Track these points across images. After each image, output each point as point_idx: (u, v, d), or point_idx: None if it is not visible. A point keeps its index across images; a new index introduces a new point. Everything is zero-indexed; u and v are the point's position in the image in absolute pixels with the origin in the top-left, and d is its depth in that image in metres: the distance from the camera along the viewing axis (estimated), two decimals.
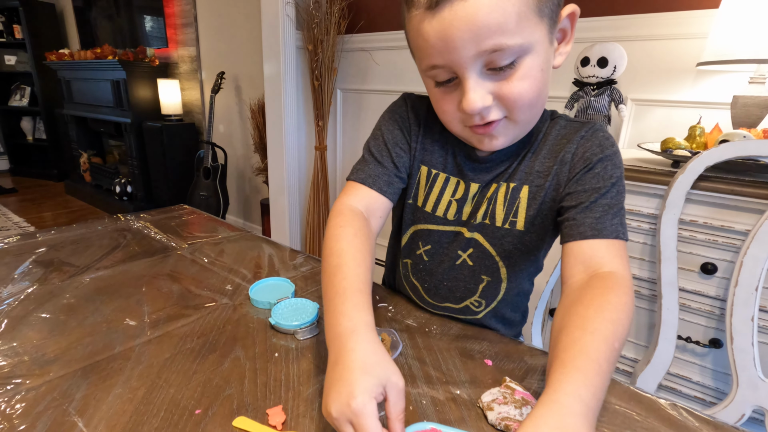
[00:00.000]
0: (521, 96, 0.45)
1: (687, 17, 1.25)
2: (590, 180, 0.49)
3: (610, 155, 0.50)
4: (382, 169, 0.57)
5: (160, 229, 0.92)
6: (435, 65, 0.46)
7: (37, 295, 0.62)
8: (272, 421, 0.41)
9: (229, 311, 0.60)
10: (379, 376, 0.37)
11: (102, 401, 0.42)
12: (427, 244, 0.60)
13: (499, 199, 0.54)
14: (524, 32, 0.42)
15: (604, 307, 0.40)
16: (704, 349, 1.02)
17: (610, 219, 0.47)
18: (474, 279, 0.59)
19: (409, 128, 0.59)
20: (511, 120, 0.48)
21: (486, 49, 0.42)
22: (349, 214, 0.53)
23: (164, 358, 0.49)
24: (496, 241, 0.56)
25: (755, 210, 0.90)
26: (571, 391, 0.33)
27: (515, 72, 0.44)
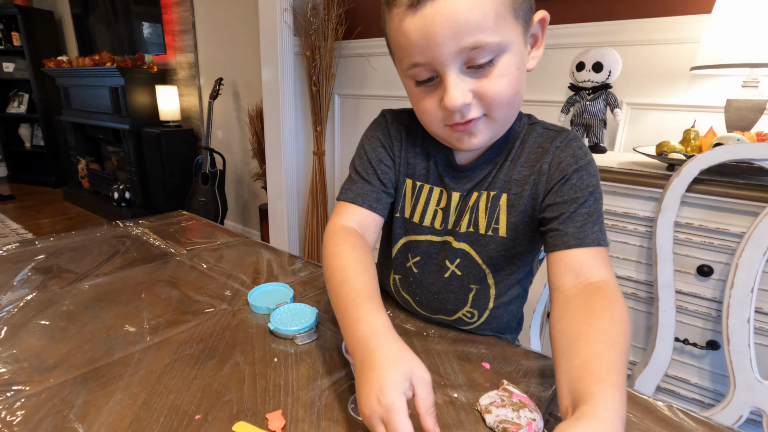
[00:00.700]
0: (500, 93, 0.47)
1: (680, 22, 1.26)
2: (568, 191, 0.51)
3: (584, 165, 0.51)
4: (370, 186, 0.59)
5: (159, 235, 0.92)
6: (416, 63, 0.46)
7: (37, 302, 0.63)
8: (272, 425, 0.41)
9: (228, 317, 0.61)
10: (405, 371, 0.37)
11: (102, 407, 0.43)
12: (416, 255, 0.61)
13: (481, 207, 0.56)
14: (502, 31, 0.44)
15: (616, 320, 0.41)
16: (702, 351, 1.03)
17: (590, 227, 0.49)
18: (463, 289, 0.59)
19: (391, 144, 0.61)
20: (490, 118, 0.49)
21: (466, 46, 0.43)
22: (343, 233, 0.54)
23: (164, 363, 0.50)
24: (481, 249, 0.57)
25: (750, 212, 0.91)
26: (612, 408, 0.34)
27: (494, 70, 0.46)
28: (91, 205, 3.55)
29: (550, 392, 0.47)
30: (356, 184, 0.59)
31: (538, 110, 1.58)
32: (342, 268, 0.50)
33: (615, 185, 1.07)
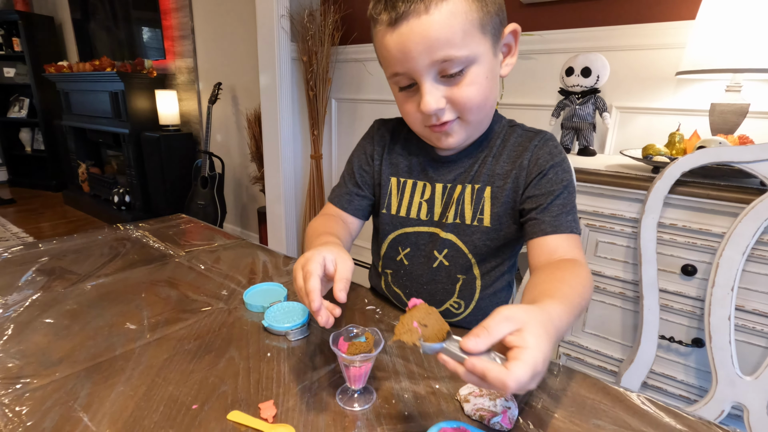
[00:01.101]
0: (470, 99, 0.53)
1: (666, 28, 1.29)
2: (545, 185, 0.57)
3: (559, 162, 0.58)
4: (346, 189, 0.70)
5: (159, 237, 0.95)
6: (396, 72, 0.53)
7: (42, 302, 0.65)
8: (264, 414, 0.44)
9: (224, 315, 0.63)
10: (332, 252, 0.47)
11: (105, 398, 0.45)
12: (406, 247, 0.66)
13: (466, 199, 0.61)
14: (470, 45, 0.50)
15: (576, 274, 0.49)
16: (687, 348, 1.06)
17: (565, 217, 0.56)
18: (450, 279, 0.63)
19: (373, 151, 0.69)
20: (463, 121, 0.56)
21: (438, 59, 0.49)
22: (321, 216, 0.69)
23: (163, 358, 0.53)
24: (467, 239, 0.62)
25: (730, 213, 0.94)
26: (556, 314, 0.39)
27: (464, 79, 0.52)
28: (92, 209, 3.58)
29: None
30: (341, 187, 0.71)
31: (530, 114, 1.62)
32: (316, 228, 0.63)
33: (602, 187, 1.10)
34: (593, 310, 1.19)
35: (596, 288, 1.16)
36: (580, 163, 1.20)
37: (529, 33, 1.54)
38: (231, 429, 0.42)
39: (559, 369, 0.53)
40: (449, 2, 0.48)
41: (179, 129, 3.10)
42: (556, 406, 0.47)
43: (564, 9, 1.49)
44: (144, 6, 3.04)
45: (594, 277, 1.16)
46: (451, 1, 0.48)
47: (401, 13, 0.48)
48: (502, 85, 1.64)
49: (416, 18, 0.48)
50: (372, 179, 0.69)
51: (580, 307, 0.45)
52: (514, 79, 1.63)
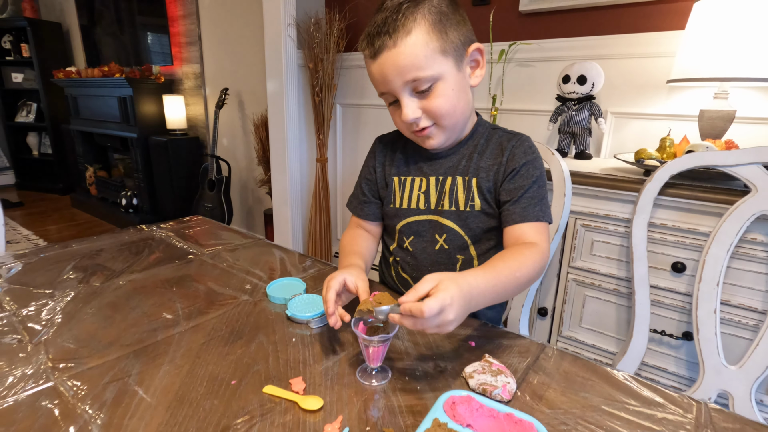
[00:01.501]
0: (439, 108, 0.65)
1: (657, 38, 1.36)
2: (517, 180, 0.68)
3: (531, 160, 0.69)
4: (358, 199, 0.84)
5: (180, 237, 1.01)
6: (382, 92, 0.68)
7: (84, 295, 0.72)
8: (294, 387, 0.50)
9: (250, 306, 0.70)
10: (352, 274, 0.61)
11: (154, 376, 0.52)
12: (410, 236, 0.77)
13: (459, 189, 0.73)
14: (433, 67, 0.62)
15: (520, 253, 0.61)
16: (678, 341, 1.12)
17: (533, 207, 0.66)
18: (451, 260, 0.74)
19: (374, 163, 0.82)
20: (439, 126, 0.68)
21: (408, 79, 0.63)
22: (347, 232, 0.82)
23: (200, 343, 0.59)
24: (463, 223, 0.73)
25: (716, 213, 1.00)
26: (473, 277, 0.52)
27: (433, 93, 0.64)
28: (99, 212, 3.64)
29: (525, 363, 0.57)
30: (354, 197, 0.85)
31: (529, 119, 1.69)
32: (343, 247, 0.77)
33: (597, 189, 1.17)
34: (590, 305, 1.25)
35: (592, 285, 1.23)
36: (577, 166, 1.26)
37: (528, 42, 1.61)
38: (267, 400, 0.49)
39: (553, 352, 0.59)
40: (412, 36, 0.60)
41: (186, 133, 3.17)
42: (549, 381, 0.53)
43: (560, 19, 1.55)
44: (152, 13, 3.12)
45: (588, 274, 1.23)
46: (413, 35, 0.60)
47: (377, 48, 0.62)
48: (502, 90, 1.71)
49: (388, 51, 0.61)
50: (376, 185, 0.82)
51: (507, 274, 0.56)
52: (513, 85, 1.69)
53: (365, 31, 0.65)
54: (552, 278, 1.30)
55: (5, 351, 0.56)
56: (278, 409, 0.47)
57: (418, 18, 0.61)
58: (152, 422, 0.45)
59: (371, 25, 0.64)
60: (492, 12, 1.68)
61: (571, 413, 0.48)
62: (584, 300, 1.26)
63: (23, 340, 0.58)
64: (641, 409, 0.49)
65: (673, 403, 0.50)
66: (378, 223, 0.83)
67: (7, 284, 0.75)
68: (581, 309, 1.27)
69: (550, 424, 0.46)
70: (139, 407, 0.47)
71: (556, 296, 1.31)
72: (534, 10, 1.58)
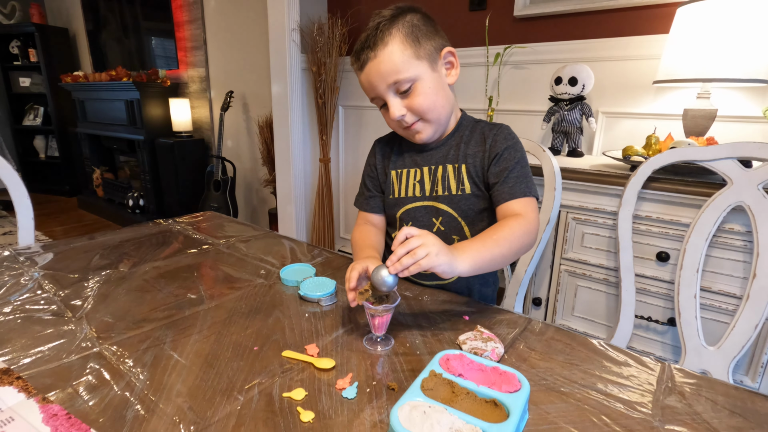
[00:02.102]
0: (420, 105, 0.75)
1: (643, 41, 1.44)
2: (501, 163, 0.78)
3: (511, 145, 0.79)
4: (363, 195, 0.92)
5: (196, 230, 1.09)
6: (372, 97, 0.78)
7: (114, 279, 0.79)
8: (309, 352, 0.57)
9: (265, 288, 0.77)
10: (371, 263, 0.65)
11: (186, 343, 0.59)
12: (409, 221, 0.86)
13: (450, 176, 0.82)
14: (410, 70, 0.72)
15: (506, 223, 0.70)
16: (663, 327, 1.19)
17: (519, 185, 0.76)
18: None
19: (374, 163, 0.91)
20: (424, 120, 0.77)
21: (390, 82, 0.73)
22: (358, 227, 0.89)
23: (223, 318, 0.66)
24: (456, 206, 0.82)
25: (696, 205, 1.07)
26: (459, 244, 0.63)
27: (413, 92, 0.74)
28: (106, 213, 3.72)
29: (513, 333, 0.64)
30: (360, 195, 0.93)
31: (523, 119, 1.76)
32: (356, 241, 0.85)
33: (586, 184, 1.24)
34: (581, 295, 1.32)
35: (583, 275, 1.30)
36: (568, 163, 1.33)
37: (522, 45, 1.68)
38: (286, 362, 0.56)
39: (539, 324, 0.66)
40: (388, 47, 0.71)
41: (192, 135, 3.25)
42: (533, 347, 0.60)
43: (553, 23, 1.63)
44: (158, 19, 3.20)
45: (579, 265, 1.30)
46: (389, 46, 0.71)
47: (363, 61, 0.74)
48: (498, 92, 1.78)
49: (371, 62, 0.73)
50: (378, 180, 0.91)
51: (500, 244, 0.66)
52: (509, 87, 1.77)
53: (354, 49, 0.76)
54: (545, 269, 1.37)
55: (53, 323, 0.63)
56: (296, 369, 0.54)
57: (393, 32, 0.72)
58: (188, 379, 0.52)
59: (357, 43, 0.75)
60: (488, 17, 1.75)
61: (550, 371, 0.55)
62: (576, 290, 1.33)
63: (66, 316, 0.66)
64: (613, 368, 0.56)
65: (641, 364, 0.57)
66: (383, 215, 0.92)
67: (43, 270, 0.82)
68: (573, 298, 1.34)
69: (532, 380, 0.53)
70: (175, 368, 0.54)
71: (550, 286, 1.38)
72: (528, 15, 1.66)
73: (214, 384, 0.51)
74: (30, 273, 0.81)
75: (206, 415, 0.46)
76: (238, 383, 0.51)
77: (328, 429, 0.45)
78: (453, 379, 0.47)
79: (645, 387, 0.52)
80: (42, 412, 0.45)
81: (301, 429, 0.44)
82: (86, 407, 0.46)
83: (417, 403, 0.43)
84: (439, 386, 0.46)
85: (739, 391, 0.52)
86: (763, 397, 0.51)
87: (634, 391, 0.52)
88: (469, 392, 0.45)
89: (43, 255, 0.90)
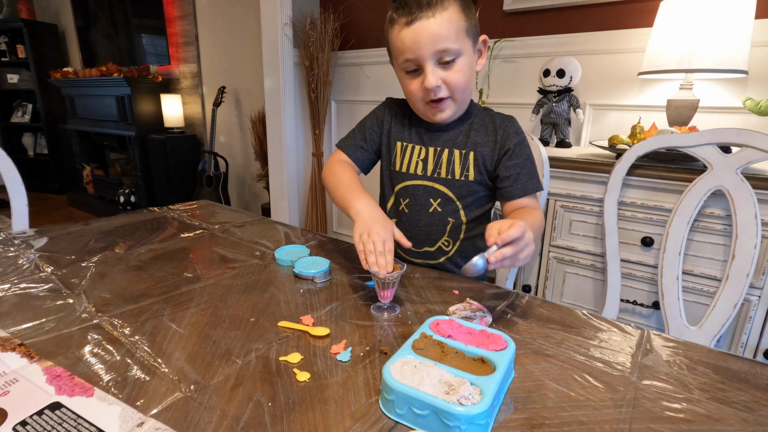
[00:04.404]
0: (458, 82, 0.73)
1: (628, 34, 1.47)
2: (514, 158, 0.79)
3: (520, 140, 0.80)
4: (355, 142, 0.89)
5: (190, 216, 1.10)
6: (408, 59, 0.73)
7: (111, 260, 0.80)
8: (305, 322, 0.59)
9: (261, 267, 0.79)
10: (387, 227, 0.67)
11: (184, 316, 0.61)
12: (406, 198, 0.86)
13: (456, 160, 0.82)
14: (459, 42, 0.71)
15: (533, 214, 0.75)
16: (648, 310, 1.22)
17: (531, 182, 0.79)
18: (442, 222, 0.82)
19: (382, 119, 0.89)
20: (453, 99, 0.76)
21: (439, 49, 0.70)
22: (338, 162, 0.87)
23: (220, 293, 0.68)
24: (456, 190, 0.83)
25: (678, 190, 1.11)
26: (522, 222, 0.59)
27: (455, 66, 0.73)
28: (97, 210, 3.69)
29: (501, 304, 0.66)
30: (350, 139, 0.90)
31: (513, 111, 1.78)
32: (340, 175, 0.82)
33: (574, 172, 1.27)
34: (569, 281, 1.36)
35: (571, 261, 1.33)
36: (557, 153, 1.37)
37: (511, 39, 1.71)
38: (281, 331, 0.58)
39: (526, 297, 0.69)
40: (447, 12, 0.69)
41: (183, 131, 3.24)
42: (519, 317, 0.63)
43: (541, 17, 1.66)
44: (149, 15, 3.19)
45: (567, 251, 1.33)
46: (448, 11, 0.69)
47: (416, 16, 0.69)
48: (488, 85, 1.81)
49: (426, 20, 0.69)
50: (379, 140, 0.89)
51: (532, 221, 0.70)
52: (498, 80, 1.80)
53: (396, 3, 0.72)
54: (534, 256, 1.41)
55: (52, 298, 0.64)
56: (292, 337, 0.56)
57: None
58: (187, 346, 0.53)
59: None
60: (478, 11, 1.78)
61: (536, 336, 0.57)
62: (564, 276, 1.36)
63: (65, 292, 0.67)
64: (595, 334, 0.59)
65: (622, 330, 0.60)
66: (364, 173, 0.90)
67: (39, 252, 0.83)
68: (562, 285, 1.37)
69: (518, 345, 0.55)
70: (174, 336, 0.55)
71: (539, 274, 1.41)
72: (517, 9, 1.69)
73: (212, 350, 0.53)
74: (26, 255, 0.81)
75: (206, 376, 0.48)
76: (235, 350, 0.53)
77: (324, 388, 0.47)
78: (443, 340, 0.49)
79: (625, 349, 0.55)
80: (45, 374, 0.46)
81: (298, 388, 0.46)
82: (89, 371, 0.48)
83: (408, 359, 0.45)
84: (429, 346, 0.48)
85: (713, 352, 0.55)
86: (735, 357, 0.54)
87: (614, 353, 0.54)
88: (458, 351, 0.48)
89: (38, 239, 0.91)
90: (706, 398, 0.46)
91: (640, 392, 0.47)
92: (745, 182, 0.99)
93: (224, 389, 0.46)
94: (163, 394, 0.44)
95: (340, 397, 0.45)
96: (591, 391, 0.47)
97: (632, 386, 0.48)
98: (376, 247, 0.62)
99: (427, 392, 0.40)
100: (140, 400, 0.44)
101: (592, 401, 0.45)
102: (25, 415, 0.40)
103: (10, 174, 1.07)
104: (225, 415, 0.42)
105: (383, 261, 0.61)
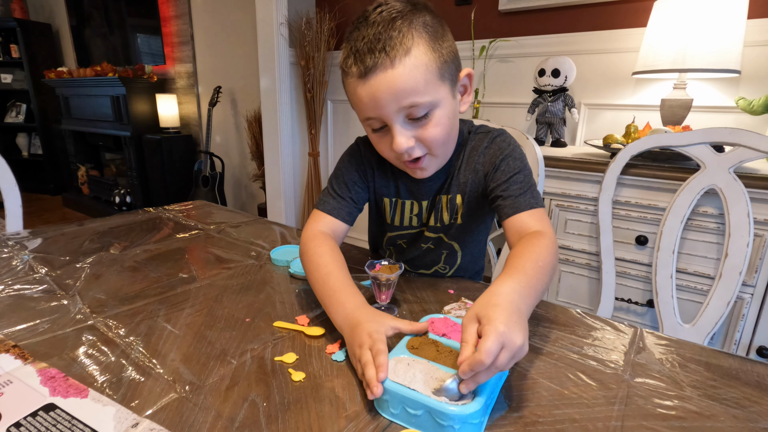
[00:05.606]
0: (435, 138, 0.60)
1: (622, 34, 1.48)
2: (500, 176, 0.66)
3: (508, 154, 0.67)
4: (344, 202, 0.73)
5: (186, 217, 1.10)
6: (369, 117, 0.60)
7: (105, 261, 0.80)
8: (300, 322, 0.59)
9: (256, 268, 0.79)
10: (385, 324, 0.50)
11: (179, 316, 0.61)
12: (402, 239, 0.81)
13: (443, 208, 0.74)
14: (431, 92, 0.57)
15: (533, 244, 0.56)
16: (643, 308, 1.23)
17: (523, 197, 0.64)
18: (437, 254, 0.79)
19: (365, 171, 0.75)
20: (432, 155, 0.64)
21: (405, 105, 0.56)
22: (321, 237, 0.68)
23: (215, 294, 0.68)
24: (446, 232, 0.76)
25: (672, 189, 1.12)
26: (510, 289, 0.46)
27: (429, 121, 0.59)
28: (92, 210, 3.68)
29: None
30: (333, 198, 0.73)
31: (509, 111, 1.80)
32: (326, 264, 0.62)
33: (569, 172, 1.28)
34: (564, 280, 1.36)
35: (566, 260, 1.34)
36: (552, 152, 1.37)
37: (507, 39, 1.72)
38: (277, 331, 0.58)
39: None
40: (411, 56, 0.54)
41: (179, 131, 3.23)
42: None
43: (536, 17, 1.67)
44: (144, 14, 3.18)
45: (563, 250, 1.34)
46: (413, 55, 0.55)
47: (370, 67, 0.55)
48: (484, 85, 1.82)
49: (383, 71, 0.55)
50: (366, 195, 0.76)
51: (533, 267, 0.52)
52: (494, 79, 1.80)
53: (348, 47, 0.58)
54: None
55: (47, 299, 0.64)
56: (287, 337, 0.56)
57: (415, 35, 0.55)
58: (182, 346, 0.53)
59: (357, 39, 0.56)
60: (473, 11, 1.79)
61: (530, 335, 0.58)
62: (560, 275, 1.37)
63: (59, 293, 0.67)
64: (589, 332, 0.59)
65: (615, 329, 0.60)
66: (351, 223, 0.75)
67: (33, 253, 0.83)
68: (557, 284, 1.38)
69: None
70: (169, 337, 0.55)
71: None
72: (512, 9, 1.70)
73: (207, 351, 0.53)
74: (20, 256, 0.81)
75: (201, 377, 0.48)
76: (230, 350, 0.53)
77: (319, 387, 0.47)
78: (437, 339, 0.49)
79: (618, 348, 0.56)
80: (39, 375, 0.46)
81: (293, 387, 0.46)
82: (83, 372, 0.48)
83: (402, 358, 0.45)
84: (424, 345, 0.49)
85: (705, 349, 0.55)
86: (727, 354, 0.54)
87: (607, 351, 0.55)
88: (452, 350, 0.48)
89: (32, 240, 0.91)
90: (698, 395, 0.47)
91: (632, 390, 0.47)
92: (738, 181, 1.00)
93: (219, 389, 0.46)
94: (158, 395, 0.44)
95: (335, 397, 0.45)
96: (584, 389, 0.47)
97: (625, 384, 0.48)
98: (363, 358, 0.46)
99: (419, 389, 0.41)
100: (135, 400, 0.44)
101: (585, 399, 0.46)
102: (19, 417, 0.40)
103: (4, 174, 1.06)
104: (220, 415, 0.42)
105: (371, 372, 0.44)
